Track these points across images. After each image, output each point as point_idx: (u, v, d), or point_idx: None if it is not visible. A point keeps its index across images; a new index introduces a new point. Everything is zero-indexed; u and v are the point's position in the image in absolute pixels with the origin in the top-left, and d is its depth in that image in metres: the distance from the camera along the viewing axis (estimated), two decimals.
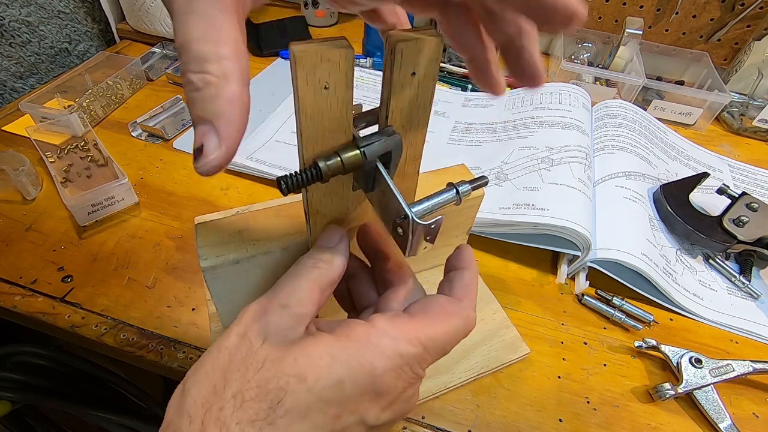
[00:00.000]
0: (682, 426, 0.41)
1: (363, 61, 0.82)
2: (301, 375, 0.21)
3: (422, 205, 0.26)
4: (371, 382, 0.22)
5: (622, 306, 0.48)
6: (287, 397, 0.21)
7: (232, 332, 0.23)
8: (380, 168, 0.25)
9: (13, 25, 0.71)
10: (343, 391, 0.22)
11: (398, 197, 0.24)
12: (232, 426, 0.20)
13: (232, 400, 0.20)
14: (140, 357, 0.42)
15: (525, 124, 0.65)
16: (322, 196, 0.28)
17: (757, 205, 0.55)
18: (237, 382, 0.21)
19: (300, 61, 0.20)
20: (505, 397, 0.41)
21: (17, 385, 0.60)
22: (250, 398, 0.20)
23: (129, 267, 0.48)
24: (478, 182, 0.29)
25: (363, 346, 0.23)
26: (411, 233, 0.24)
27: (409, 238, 0.24)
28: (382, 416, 0.23)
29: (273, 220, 0.35)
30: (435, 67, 0.24)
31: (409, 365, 0.23)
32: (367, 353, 0.23)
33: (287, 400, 0.21)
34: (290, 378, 0.21)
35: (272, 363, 0.21)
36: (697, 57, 0.84)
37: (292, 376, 0.21)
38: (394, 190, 0.24)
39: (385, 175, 0.25)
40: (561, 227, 0.49)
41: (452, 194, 0.27)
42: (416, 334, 0.24)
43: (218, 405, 0.20)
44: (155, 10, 0.78)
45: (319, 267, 0.26)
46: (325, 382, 0.21)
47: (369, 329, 0.24)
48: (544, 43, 0.94)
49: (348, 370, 0.22)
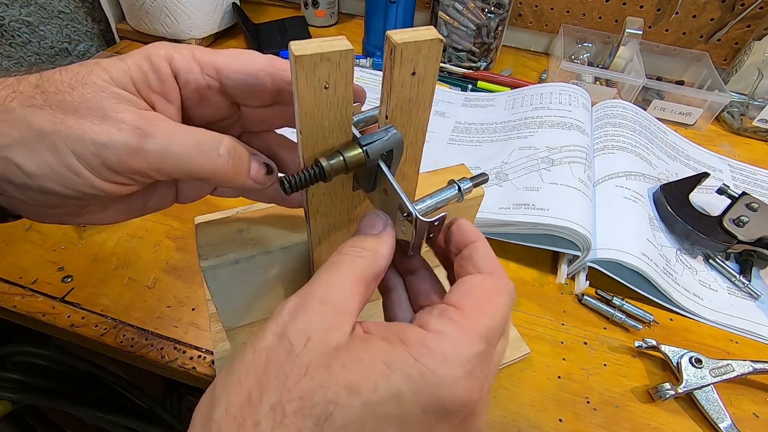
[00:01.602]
0: (682, 426, 0.41)
1: (363, 61, 0.82)
2: (353, 385, 0.18)
3: (425, 202, 0.26)
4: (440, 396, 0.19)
5: (622, 306, 0.48)
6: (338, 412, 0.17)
7: (268, 331, 0.20)
8: (382, 166, 0.25)
9: (13, 25, 0.71)
10: (403, 407, 0.18)
11: (401, 195, 0.24)
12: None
13: (270, 413, 0.17)
14: (140, 357, 0.42)
15: (525, 124, 0.65)
16: (322, 197, 0.28)
17: (757, 205, 0.55)
18: (276, 392, 0.18)
19: (300, 61, 0.20)
20: (505, 397, 0.41)
21: (17, 385, 0.60)
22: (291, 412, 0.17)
23: (129, 267, 0.48)
24: (479, 179, 0.29)
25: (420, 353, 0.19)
26: (415, 231, 0.24)
27: (413, 234, 0.24)
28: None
29: (273, 220, 0.35)
30: (435, 67, 0.24)
31: (478, 368, 0.20)
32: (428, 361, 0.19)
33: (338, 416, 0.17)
34: (340, 388, 0.18)
35: (317, 370, 0.18)
36: (697, 57, 0.84)
37: (343, 387, 0.18)
38: (397, 188, 0.24)
39: (387, 174, 0.25)
40: (561, 227, 0.49)
41: (454, 191, 0.27)
42: (474, 327, 0.21)
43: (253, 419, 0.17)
44: (155, 10, 0.78)
45: (362, 256, 0.23)
46: (383, 395, 0.18)
47: (422, 333, 0.20)
48: (544, 43, 0.94)
49: (408, 381, 0.18)
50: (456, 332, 0.20)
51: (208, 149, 0.24)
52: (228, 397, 0.18)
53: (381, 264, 0.23)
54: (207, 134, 0.24)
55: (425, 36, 0.22)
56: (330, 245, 0.33)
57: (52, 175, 0.22)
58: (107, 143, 0.21)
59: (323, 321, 0.20)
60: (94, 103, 0.22)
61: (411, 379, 0.18)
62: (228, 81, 0.25)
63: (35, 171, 0.21)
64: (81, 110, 0.21)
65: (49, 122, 0.21)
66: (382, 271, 0.24)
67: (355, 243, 0.24)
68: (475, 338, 0.20)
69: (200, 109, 0.27)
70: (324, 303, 0.21)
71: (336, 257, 0.23)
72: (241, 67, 0.25)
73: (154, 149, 0.22)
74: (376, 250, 0.23)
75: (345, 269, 0.22)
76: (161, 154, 0.22)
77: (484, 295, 0.22)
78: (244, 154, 0.26)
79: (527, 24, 0.92)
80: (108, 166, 0.22)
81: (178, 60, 0.24)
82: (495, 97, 0.75)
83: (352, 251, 0.23)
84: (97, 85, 0.22)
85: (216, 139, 0.24)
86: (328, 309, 0.20)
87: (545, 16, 0.90)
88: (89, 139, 0.21)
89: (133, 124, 0.22)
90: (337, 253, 0.23)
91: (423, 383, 0.18)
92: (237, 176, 0.25)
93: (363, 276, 0.22)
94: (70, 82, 0.22)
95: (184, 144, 0.23)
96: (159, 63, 0.24)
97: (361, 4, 0.86)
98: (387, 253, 0.24)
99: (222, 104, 0.27)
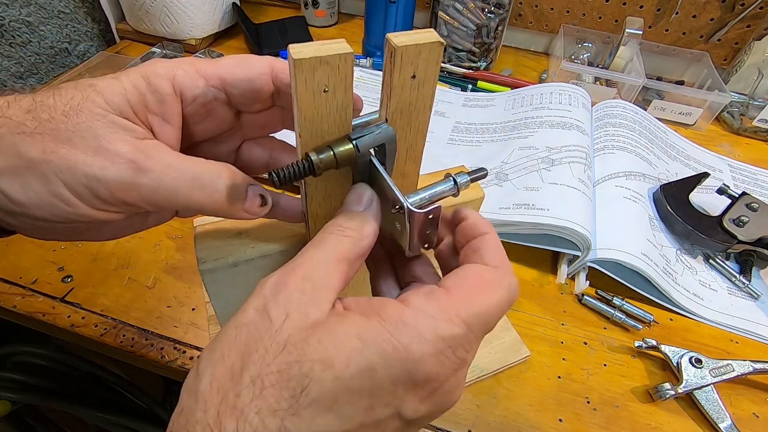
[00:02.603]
0: (682, 426, 0.41)
1: (363, 61, 0.82)
2: (327, 360, 0.19)
3: (418, 195, 0.26)
4: (408, 370, 0.19)
5: (622, 306, 0.48)
6: (312, 385, 0.18)
7: (250, 306, 0.21)
8: (374, 161, 0.25)
9: (13, 25, 0.71)
10: (374, 380, 0.19)
11: (392, 186, 0.24)
12: (251, 415, 0.18)
13: (251, 386, 0.18)
14: (140, 357, 0.42)
15: (525, 124, 0.65)
16: (321, 200, 0.28)
17: (757, 205, 0.55)
18: (255, 366, 0.19)
19: (299, 64, 0.20)
20: (505, 397, 0.41)
21: (17, 385, 0.60)
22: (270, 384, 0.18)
23: (129, 267, 0.48)
24: (476, 174, 0.28)
25: (396, 328, 0.20)
26: (408, 223, 0.23)
27: (407, 229, 0.24)
28: (420, 408, 0.20)
29: (272, 223, 0.35)
30: (435, 69, 0.24)
31: (451, 348, 0.20)
32: (402, 336, 0.19)
33: (312, 389, 0.18)
34: (314, 363, 0.19)
35: (294, 345, 0.19)
36: (697, 57, 0.84)
37: (317, 362, 0.19)
38: (388, 180, 0.24)
39: (378, 166, 0.24)
40: (561, 227, 0.49)
41: (450, 184, 0.26)
42: (456, 311, 0.21)
43: (235, 391, 0.18)
44: (155, 10, 0.78)
45: (347, 236, 0.23)
46: (355, 369, 0.19)
47: (402, 308, 0.21)
48: (544, 43, 0.94)
49: (380, 356, 0.19)
50: (436, 311, 0.21)
51: (207, 184, 0.23)
52: (212, 372, 0.19)
53: (365, 243, 0.23)
54: (205, 167, 0.24)
55: (425, 39, 0.22)
56: None
57: (41, 204, 0.22)
58: (100, 177, 0.21)
59: (303, 298, 0.20)
60: (88, 133, 0.21)
61: (384, 354, 0.19)
62: (233, 90, 0.25)
63: (23, 199, 0.21)
64: (75, 140, 0.21)
65: (40, 151, 0.21)
66: (366, 250, 0.24)
67: (340, 222, 0.24)
68: (456, 321, 0.20)
69: (205, 123, 0.26)
70: (305, 280, 0.21)
71: (321, 235, 0.23)
72: (244, 74, 0.25)
73: (148, 183, 0.22)
74: (360, 230, 0.24)
75: (329, 247, 0.22)
76: (155, 188, 0.22)
77: (478, 284, 0.22)
78: (241, 186, 0.25)
79: (527, 24, 0.91)
80: (99, 198, 0.22)
81: (181, 77, 0.24)
82: (495, 97, 0.75)
83: (336, 230, 0.23)
84: (93, 112, 0.22)
85: (214, 173, 0.24)
86: (309, 286, 0.21)
87: (545, 16, 0.90)
88: (81, 171, 0.21)
89: (128, 157, 0.22)
90: (323, 231, 0.24)
91: (395, 358, 0.19)
92: (232, 209, 0.25)
93: (346, 255, 0.22)
94: (64, 109, 0.21)
95: (180, 178, 0.23)
96: (158, 83, 0.23)
97: (361, 4, 0.86)
98: (371, 231, 0.24)
99: (227, 115, 0.27)
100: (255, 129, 0.29)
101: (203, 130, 0.27)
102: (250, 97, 0.26)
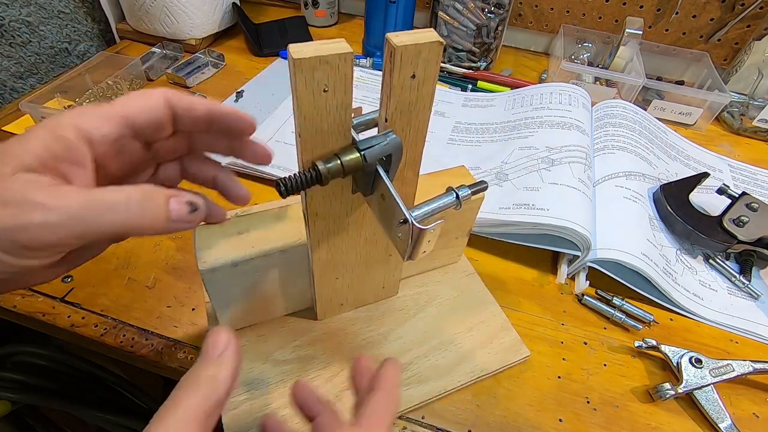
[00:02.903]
0: (682, 426, 0.41)
1: (363, 61, 0.82)
2: None
3: (422, 209, 0.26)
4: None
5: (622, 306, 0.48)
6: None
7: None
8: (380, 172, 0.25)
9: (13, 25, 0.71)
10: None
11: (398, 202, 0.24)
12: None
13: None
14: (140, 357, 0.42)
15: (525, 124, 0.65)
16: (321, 199, 0.28)
17: (757, 205, 0.55)
18: None
19: (299, 64, 0.20)
20: (505, 397, 0.41)
21: (17, 385, 0.60)
22: None
23: (129, 267, 0.48)
24: (477, 187, 0.29)
25: None
26: (411, 237, 0.24)
27: (409, 242, 0.24)
28: None
29: (272, 223, 0.35)
30: (435, 69, 0.24)
31: None
32: None
33: None
34: None
35: None
36: (697, 57, 0.84)
37: None
38: (394, 195, 0.24)
39: (385, 179, 0.25)
40: (561, 227, 0.49)
41: (452, 198, 0.27)
42: None
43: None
44: (155, 10, 0.78)
45: (198, 389, 0.23)
46: None
47: None
48: (544, 43, 0.94)
49: None
50: None
51: (115, 206, 0.23)
52: None
53: (221, 391, 0.23)
54: (113, 191, 0.24)
55: (425, 38, 0.22)
56: (329, 247, 0.33)
57: None
58: (13, 226, 0.22)
59: None
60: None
61: None
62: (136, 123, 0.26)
63: None
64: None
65: None
66: (223, 396, 0.24)
67: (192, 373, 0.24)
68: None
69: (120, 159, 0.27)
70: None
71: (174, 392, 0.23)
72: (141, 107, 0.26)
73: (58, 220, 0.22)
74: (214, 378, 0.24)
75: (181, 406, 0.22)
76: (65, 223, 0.22)
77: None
78: (157, 199, 0.25)
79: (527, 24, 0.92)
80: (23, 246, 0.22)
81: (84, 122, 0.25)
82: (495, 97, 0.75)
83: (192, 384, 0.23)
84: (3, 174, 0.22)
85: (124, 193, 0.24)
86: None
87: (545, 16, 0.90)
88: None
89: (36, 201, 0.22)
90: (177, 388, 0.23)
91: None
92: (155, 223, 0.25)
93: (203, 410, 0.22)
94: None
95: (89, 207, 0.23)
96: (62, 132, 0.24)
97: (361, 4, 0.86)
98: (227, 375, 0.24)
99: (137, 148, 0.27)
100: (168, 154, 0.30)
101: (119, 167, 0.27)
102: (152, 127, 0.26)
